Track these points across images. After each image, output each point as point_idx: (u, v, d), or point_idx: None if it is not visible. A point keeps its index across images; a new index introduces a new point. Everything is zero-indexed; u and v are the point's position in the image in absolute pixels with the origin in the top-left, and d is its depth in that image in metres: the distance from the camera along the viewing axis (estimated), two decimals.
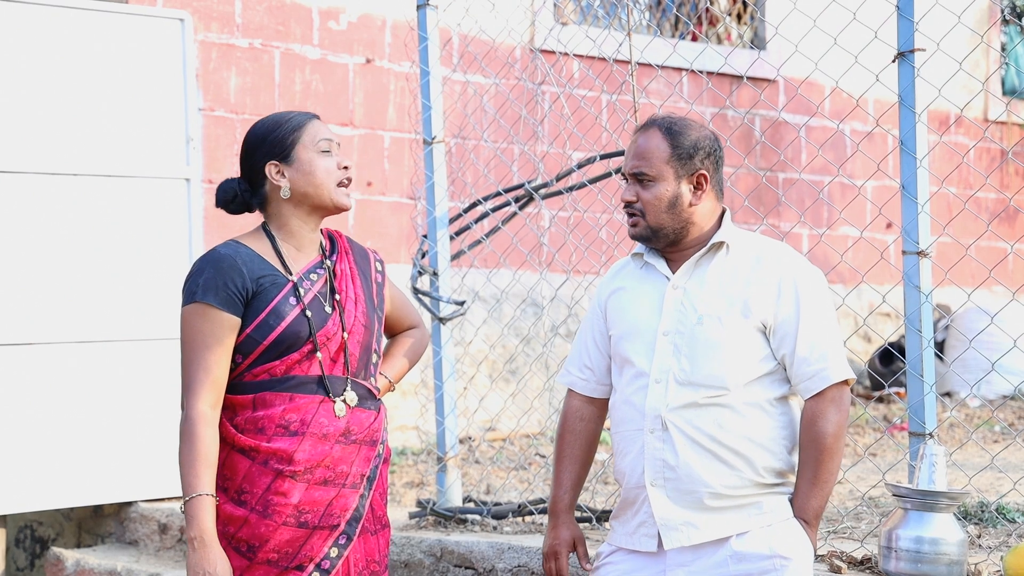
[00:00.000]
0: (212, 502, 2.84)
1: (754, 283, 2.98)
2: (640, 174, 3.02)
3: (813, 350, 2.95)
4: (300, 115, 3.02)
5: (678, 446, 2.93)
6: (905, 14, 3.54)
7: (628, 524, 3.05)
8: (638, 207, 3.03)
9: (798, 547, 2.93)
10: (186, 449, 2.85)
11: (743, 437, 2.94)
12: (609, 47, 5.98)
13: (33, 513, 5.69)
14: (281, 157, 2.97)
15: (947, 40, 3.83)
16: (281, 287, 2.93)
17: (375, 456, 3.01)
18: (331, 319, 2.96)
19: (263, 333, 2.90)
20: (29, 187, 4.91)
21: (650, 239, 3.04)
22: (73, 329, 4.98)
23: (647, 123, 3.09)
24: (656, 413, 2.96)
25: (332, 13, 6.60)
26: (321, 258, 3.04)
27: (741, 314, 2.96)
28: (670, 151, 3.01)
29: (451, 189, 5.96)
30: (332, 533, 2.93)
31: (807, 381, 2.97)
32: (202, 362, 2.87)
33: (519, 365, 6.89)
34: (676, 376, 2.96)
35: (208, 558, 2.81)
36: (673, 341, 2.98)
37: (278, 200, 2.99)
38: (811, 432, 2.96)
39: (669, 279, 3.05)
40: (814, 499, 2.95)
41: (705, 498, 2.92)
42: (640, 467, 2.99)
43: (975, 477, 4.11)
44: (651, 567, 2.99)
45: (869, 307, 8.15)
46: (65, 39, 5.00)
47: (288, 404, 2.91)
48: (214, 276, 2.89)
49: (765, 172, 7.68)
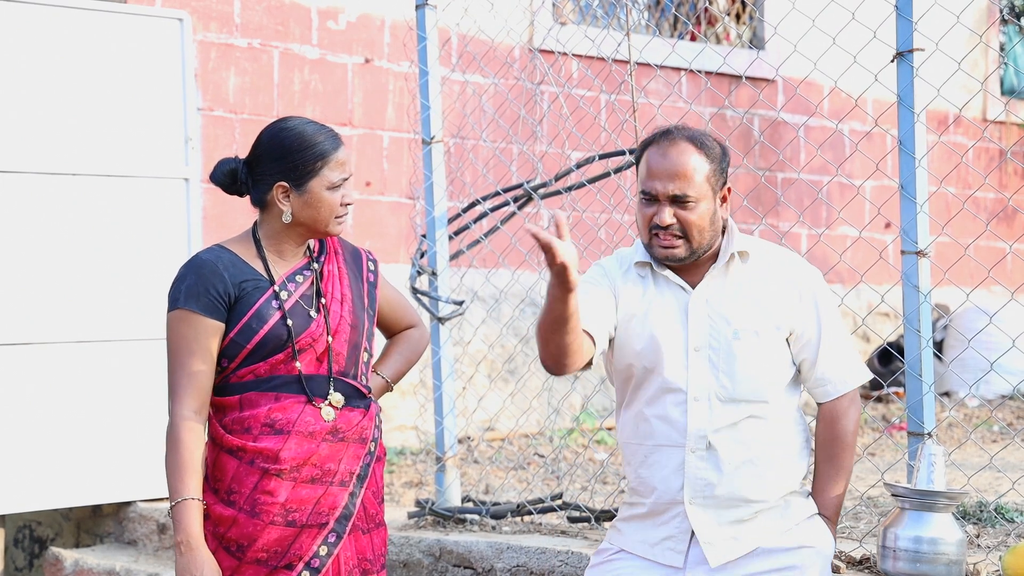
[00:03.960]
0: (198, 506, 2.85)
1: (777, 293, 2.97)
2: (683, 197, 2.89)
3: (835, 357, 3.00)
4: (328, 141, 2.95)
5: (724, 466, 2.92)
6: (904, 14, 3.54)
7: (647, 534, 3.01)
8: (677, 229, 2.90)
9: (821, 541, 2.98)
10: (171, 455, 2.87)
11: (777, 447, 2.96)
12: (608, 47, 5.98)
13: (32, 513, 5.68)
14: (294, 184, 2.93)
15: (946, 40, 3.83)
16: (263, 291, 2.94)
17: (366, 454, 3.01)
18: (315, 321, 2.96)
19: (246, 337, 2.91)
20: (28, 187, 4.91)
21: (686, 259, 2.94)
22: (72, 329, 4.97)
23: (671, 136, 2.93)
24: (701, 433, 2.93)
25: (331, 13, 6.60)
26: (308, 260, 3.04)
27: (775, 326, 2.95)
28: (709, 166, 2.92)
29: (450, 189, 5.95)
30: (321, 531, 2.93)
31: (828, 385, 3.02)
32: (186, 368, 2.88)
33: (518, 365, 6.89)
34: (718, 394, 2.93)
35: (195, 562, 2.82)
36: (708, 357, 2.94)
37: (276, 216, 2.98)
38: (833, 431, 3.02)
39: (687, 290, 2.98)
40: (836, 494, 3.03)
41: (744, 513, 2.94)
42: (677, 484, 2.95)
43: (974, 477, 4.11)
44: (668, 574, 2.98)
45: (868, 307, 8.14)
46: (64, 39, 5.00)
47: (274, 404, 2.92)
48: (196, 282, 2.90)
49: (764, 172, 7.68)
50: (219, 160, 3.03)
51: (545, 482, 5.38)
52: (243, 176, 2.99)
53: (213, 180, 3.02)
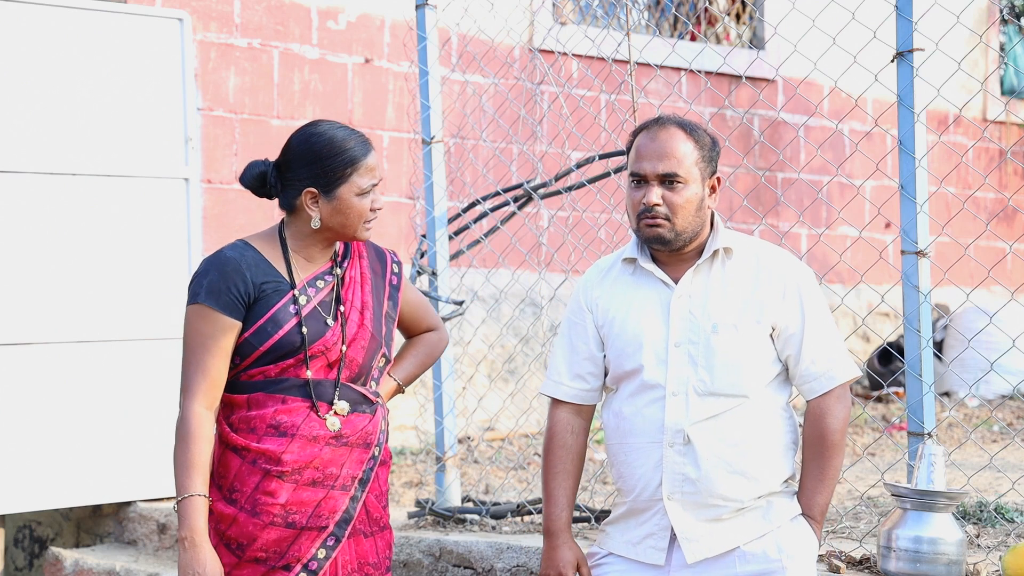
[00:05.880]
0: (204, 503, 2.85)
1: (760, 288, 2.96)
2: (672, 175, 2.91)
3: (821, 352, 2.96)
4: (357, 147, 2.93)
5: (701, 460, 2.90)
6: (904, 14, 3.54)
7: (631, 533, 3.01)
8: (663, 211, 2.92)
9: (804, 544, 2.94)
10: (180, 450, 2.87)
11: (760, 444, 2.93)
12: (608, 47, 5.98)
13: (32, 513, 5.69)
14: (323, 190, 2.92)
15: (946, 40, 3.83)
16: (283, 295, 2.93)
17: (369, 458, 3.01)
18: (331, 330, 2.96)
19: (260, 339, 2.91)
20: (28, 187, 4.91)
21: (670, 243, 2.95)
22: (72, 329, 4.97)
23: (661, 121, 2.97)
24: (678, 427, 2.92)
25: (331, 13, 6.60)
26: (331, 264, 3.03)
27: (755, 320, 2.94)
28: (698, 152, 2.94)
29: (450, 189, 5.95)
30: (320, 534, 2.93)
31: (813, 382, 2.97)
32: (200, 364, 2.89)
33: (518, 365, 6.89)
34: (696, 388, 2.92)
35: (198, 558, 2.82)
36: (687, 352, 2.94)
37: (304, 220, 2.96)
38: (818, 428, 2.97)
39: (670, 286, 2.99)
40: (821, 495, 2.97)
41: (724, 510, 2.92)
42: (656, 480, 2.94)
43: (974, 477, 4.11)
44: (653, 574, 2.97)
45: (868, 307, 8.15)
46: (64, 39, 5.00)
47: (280, 406, 2.92)
48: (218, 279, 2.90)
49: (764, 172, 7.68)
50: (249, 162, 3.01)
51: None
52: (273, 180, 2.98)
53: (242, 183, 3.00)
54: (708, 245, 3.00)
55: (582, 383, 3.10)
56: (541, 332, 6.80)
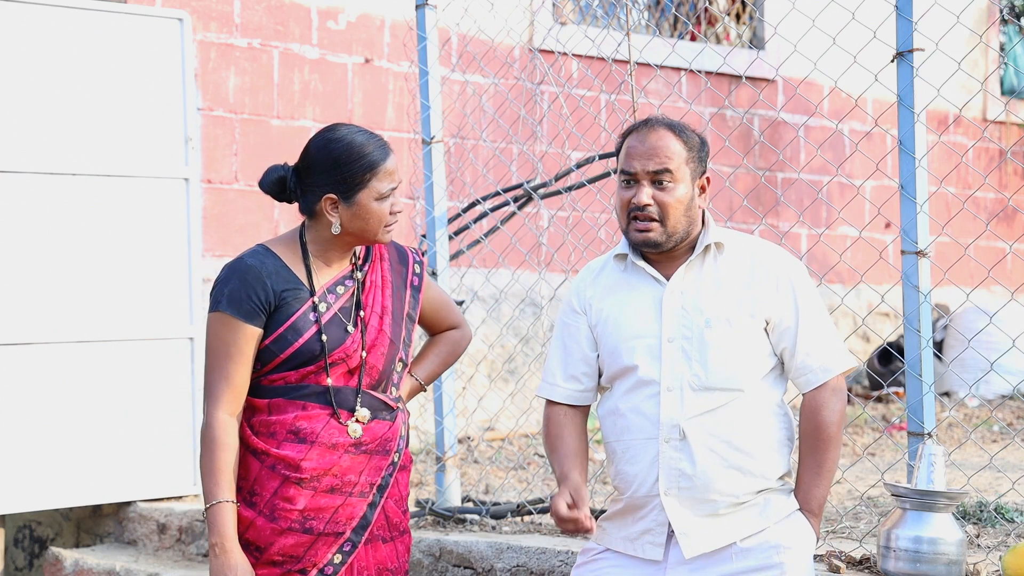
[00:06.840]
0: (233, 508, 2.89)
1: (753, 282, 2.98)
2: (663, 172, 2.93)
3: (815, 344, 2.97)
4: (376, 151, 2.93)
5: (696, 455, 2.91)
6: (904, 14, 3.54)
7: (628, 530, 3.02)
8: (654, 211, 2.93)
9: (801, 538, 2.95)
10: (206, 457, 2.90)
11: (756, 440, 2.94)
12: (608, 47, 5.98)
13: (32, 513, 5.69)
14: (343, 196, 2.92)
15: (946, 40, 3.83)
16: (303, 302, 2.94)
17: (388, 465, 3.02)
18: (351, 337, 2.97)
19: (281, 347, 2.93)
20: (28, 187, 4.90)
21: (661, 246, 2.96)
22: (72, 329, 4.97)
23: (650, 123, 2.99)
24: (674, 422, 2.93)
25: (331, 13, 6.60)
26: (352, 268, 3.04)
27: (749, 314, 2.95)
28: (687, 152, 2.96)
29: (450, 189, 5.96)
30: (337, 540, 2.96)
31: (810, 374, 2.98)
32: (223, 371, 2.91)
33: (518, 365, 6.89)
34: (690, 383, 2.93)
35: (229, 564, 2.85)
36: (681, 347, 2.94)
37: (324, 226, 2.97)
38: (815, 421, 2.98)
39: (662, 283, 3.00)
40: (818, 488, 2.98)
41: (720, 506, 2.92)
42: (653, 476, 2.95)
43: (974, 477, 4.11)
44: (650, 570, 2.98)
45: (868, 307, 8.15)
46: (64, 39, 5.00)
47: (300, 412, 2.94)
48: (239, 287, 2.91)
49: (764, 172, 7.68)
50: (268, 167, 3.02)
51: (545, 482, 5.38)
52: (292, 185, 2.98)
53: (262, 188, 3.01)
54: (699, 241, 3.01)
55: (576, 384, 3.11)
56: (541, 332, 6.79)
